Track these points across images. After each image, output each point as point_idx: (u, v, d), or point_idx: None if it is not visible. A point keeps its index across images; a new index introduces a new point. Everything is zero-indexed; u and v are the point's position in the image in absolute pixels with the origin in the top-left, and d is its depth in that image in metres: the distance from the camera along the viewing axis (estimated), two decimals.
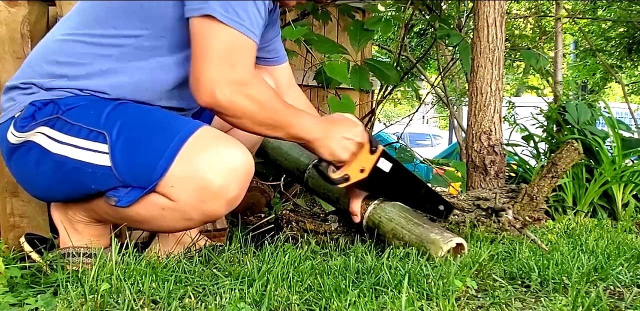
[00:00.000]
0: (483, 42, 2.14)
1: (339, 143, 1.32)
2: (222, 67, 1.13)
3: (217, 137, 1.19)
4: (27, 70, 1.25)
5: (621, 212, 2.33)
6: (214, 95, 1.13)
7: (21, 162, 1.23)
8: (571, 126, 2.55)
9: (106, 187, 1.18)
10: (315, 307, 0.98)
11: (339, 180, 1.36)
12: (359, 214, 1.54)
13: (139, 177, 1.15)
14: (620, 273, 1.25)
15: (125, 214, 1.20)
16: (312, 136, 1.28)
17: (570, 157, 1.81)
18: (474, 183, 2.17)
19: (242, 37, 1.15)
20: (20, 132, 1.19)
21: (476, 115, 2.16)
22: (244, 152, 1.19)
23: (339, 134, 1.32)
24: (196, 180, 1.14)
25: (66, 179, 1.19)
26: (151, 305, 0.98)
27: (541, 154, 2.68)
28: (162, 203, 1.17)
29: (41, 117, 1.18)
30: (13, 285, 1.11)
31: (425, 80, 4.14)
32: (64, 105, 1.19)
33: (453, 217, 1.70)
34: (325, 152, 1.31)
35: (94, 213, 1.29)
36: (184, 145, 1.15)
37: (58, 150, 1.17)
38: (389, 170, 1.45)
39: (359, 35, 2.47)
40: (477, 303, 1.06)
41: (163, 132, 1.18)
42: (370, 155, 1.39)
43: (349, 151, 1.33)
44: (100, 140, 1.16)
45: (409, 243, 1.40)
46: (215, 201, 1.16)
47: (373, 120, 3.22)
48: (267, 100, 1.20)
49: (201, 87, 1.14)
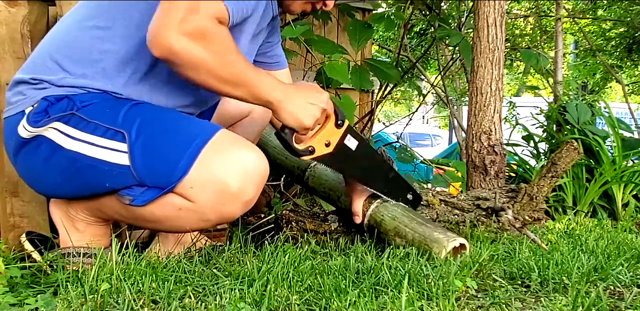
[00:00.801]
0: (483, 42, 2.14)
1: (304, 108, 1.26)
2: (180, 12, 1.09)
3: (235, 141, 1.21)
4: (37, 64, 1.24)
5: (621, 212, 2.33)
6: (170, 42, 1.08)
7: (30, 156, 1.22)
8: (571, 126, 2.55)
9: (121, 185, 1.18)
10: (315, 307, 0.98)
11: (303, 151, 1.32)
12: (361, 214, 1.54)
13: (158, 177, 1.16)
14: (620, 273, 1.25)
15: (138, 213, 1.21)
16: (275, 97, 1.22)
17: (570, 156, 1.81)
18: (474, 183, 2.17)
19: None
20: (33, 126, 1.19)
21: (476, 115, 2.16)
22: (260, 154, 1.21)
23: (304, 99, 1.27)
24: (215, 182, 1.16)
25: (78, 176, 1.19)
26: (151, 305, 0.98)
27: (541, 154, 2.68)
28: (180, 203, 1.18)
29: (55, 113, 1.18)
30: (13, 285, 1.11)
31: (426, 80, 4.14)
32: (79, 102, 1.19)
33: (453, 217, 1.70)
34: (288, 117, 1.26)
35: (99, 211, 1.29)
36: (204, 147, 1.16)
37: (72, 146, 1.17)
38: (355, 147, 1.41)
39: (358, 35, 2.47)
40: (477, 303, 1.06)
41: (182, 134, 1.19)
42: (336, 129, 1.36)
43: (313, 117, 1.28)
44: (118, 138, 1.16)
45: (412, 242, 1.40)
46: (233, 203, 1.18)
47: (372, 120, 3.22)
48: (227, 53, 1.15)
49: (156, 34, 1.09)
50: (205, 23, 1.11)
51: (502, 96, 2.17)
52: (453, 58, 3.96)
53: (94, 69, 1.21)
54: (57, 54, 1.22)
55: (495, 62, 2.14)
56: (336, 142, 1.37)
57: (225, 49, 1.15)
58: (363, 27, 2.51)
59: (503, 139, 2.24)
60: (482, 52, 2.14)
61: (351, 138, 1.40)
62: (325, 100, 1.31)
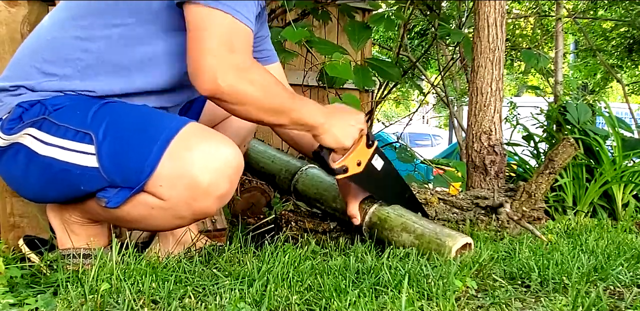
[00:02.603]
0: (483, 42, 2.14)
1: (343, 129, 1.30)
2: (222, 53, 1.11)
3: (204, 134, 1.18)
4: (16, 71, 1.23)
5: (621, 212, 2.33)
6: (216, 82, 1.10)
7: (10, 164, 1.22)
8: (572, 126, 2.54)
9: (95, 188, 1.17)
10: (315, 307, 0.98)
11: (339, 170, 1.36)
12: (359, 215, 1.53)
13: (127, 177, 1.14)
14: (620, 273, 1.25)
15: (116, 214, 1.20)
16: (317, 121, 1.26)
17: (566, 152, 1.80)
18: (474, 183, 2.17)
19: (240, 24, 1.13)
20: (7, 134, 1.18)
21: (476, 115, 2.16)
22: (232, 147, 1.17)
23: (343, 120, 1.31)
24: (185, 178, 1.13)
25: (55, 181, 1.18)
26: (151, 305, 0.98)
27: (541, 154, 2.68)
28: (152, 202, 1.16)
29: (28, 118, 1.17)
30: (13, 285, 1.10)
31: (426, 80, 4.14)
32: (50, 106, 1.17)
33: (452, 215, 1.70)
34: (329, 138, 1.29)
35: (88, 213, 1.29)
36: (170, 143, 1.13)
37: (45, 151, 1.16)
38: (380, 168, 1.45)
39: (358, 35, 2.47)
40: (477, 303, 1.06)
41: (149, 130, 1.16)
42: (366, 149, 1.39)
43: (352, 138, 1.33)
44: (86, 141, 1.14)
45: (421, 236, 1.41)
46: (205, 198, 1.15)
47: (372, 120, 3.22)
48: (270, 85, 1.18)
49: (201, 74, 1.11)
50: (246, 60, 1.14)
51: (502, 96, 2.17)
52: (453, 58, 3.96)
53: (74, 69, 1.20)
54: (37, 57, 1.21)
55: (495, 62, 2.14)
56: (366, 162, 1.40)
57: (269, 82, 1.17)
58: (362, 27, 2.51)
59: (503, 139, 2.24)
60: (482, 52, 2.14)
61: (378, 158, 1.43)
62: (362, 121, 1.34)
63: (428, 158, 3.30)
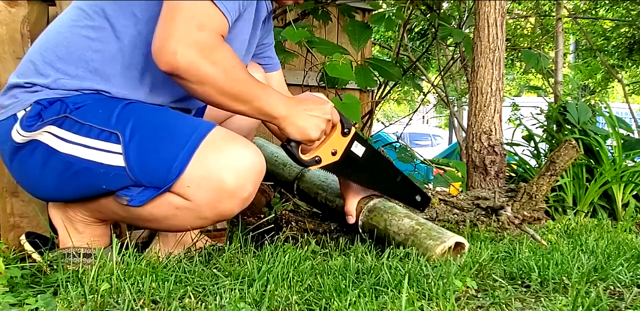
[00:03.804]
0: (484, 42, 2.14)
1: (308, 121, 1.27)
2: (189, 29, 1.09)
3: (231, 138, 1.21)
4: (29, 67, 1.23)
5: (621, 212, 2.33)
6: (176, 57, 1.08)
7: (25, 161, 1.22)
8: (572, 126, 2.54)
9: (118, 186, 1.18)
10: (315, 307, 0.98)
11: (310, 161, 1.33)
12: (354, 213, 1.53)
13: (154, 178, 1.16)
14: (620, 273, 1.25)
15: (136, 213, 1.21)
16: (279, 112, 1.23)
17: (568, 154, 1.80)
18: (474, 183, 2.17)
19: (215, 9, 1.12)
20: (27, 131, 1.18)
21: (476, 115, 2.16)
22: (256, 151, 1.21)
23: (307, 111, 1.27)
24: (212, 180, 1.15)
25: (75, 179, 1.19)
26: (151, 305, 0.98)
27: (542, 154, 2.68)
28: (177, 202, 1.18)
29: (48, 116, 1.17)
30: (13, 285, 1.10)
31: (426, 80, 4.14)
32: (72, 104, 1.18)
33: (453, 216, 1.70)
34: (293, 131, 1.27)
35: (98, 212, 1.29)
36: (199, 146, 1.16)
37: (67, 149, 1.17)
38: (362, 154, 1.42)
39: (358, 35, 2.47)
40: (477, 303, 1.06)
41: (177, 133, 1.19)
42: (342, 137, 1.37)
43: (319, 129, 1.29)
44: (112, 140, 1.16)
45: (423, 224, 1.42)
46: (230, 201, 1.18)
47: (372, 119, 3.22)
48: (234, 69, 1.15)
49: (163, 47, 1.09)
50: (212, 40, 1.12)
51: (502, 96, 2.17)
52: (453, 58, 3.96)
53: (87, 69, 1.20)
54: (50, 56, 1.21)
55: (495, 62, 2.14)
56: (343, 150, 1.38)
57: (231, 65, 1.15)
58: (362, 27, 2.51)
59: (504, 139, 2.24)
60: (482, 52, 2.14)
61: (358, 145, 1.41)
62: (329, 111, 1.31)
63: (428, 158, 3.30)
